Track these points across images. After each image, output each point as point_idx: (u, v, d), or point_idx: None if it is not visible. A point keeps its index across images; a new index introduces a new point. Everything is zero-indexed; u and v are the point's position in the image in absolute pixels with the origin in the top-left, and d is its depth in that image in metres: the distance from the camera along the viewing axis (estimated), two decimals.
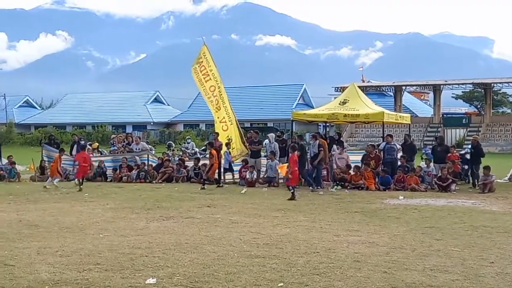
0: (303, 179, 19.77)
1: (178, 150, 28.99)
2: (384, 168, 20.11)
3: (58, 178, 20.33)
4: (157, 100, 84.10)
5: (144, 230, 11.19)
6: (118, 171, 22.92)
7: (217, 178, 20.80)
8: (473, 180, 20.15)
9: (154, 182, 21.87)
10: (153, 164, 23.29)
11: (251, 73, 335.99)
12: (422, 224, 11.97)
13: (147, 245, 9.67)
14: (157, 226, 11.71)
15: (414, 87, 64.71)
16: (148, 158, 23.58)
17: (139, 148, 24.67)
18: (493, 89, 56.81)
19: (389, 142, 20.98)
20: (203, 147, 29.66)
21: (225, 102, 22.89)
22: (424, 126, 52.99)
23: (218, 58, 25.23)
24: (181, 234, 10.76)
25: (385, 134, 22.36)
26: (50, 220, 12.54)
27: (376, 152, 20.87)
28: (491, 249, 9.42)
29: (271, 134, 23.11)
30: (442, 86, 55.57)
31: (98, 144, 29.76)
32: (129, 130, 65.00)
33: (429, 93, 71.45)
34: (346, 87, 27.76)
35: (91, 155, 24.62)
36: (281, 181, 20.28)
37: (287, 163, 17.79)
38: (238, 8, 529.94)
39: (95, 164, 23.45)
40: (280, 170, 19.20)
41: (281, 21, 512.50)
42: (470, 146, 21.69)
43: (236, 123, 22.93)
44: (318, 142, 19.83)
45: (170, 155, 24.73)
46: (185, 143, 29.57)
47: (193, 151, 26.67)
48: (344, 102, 22.68)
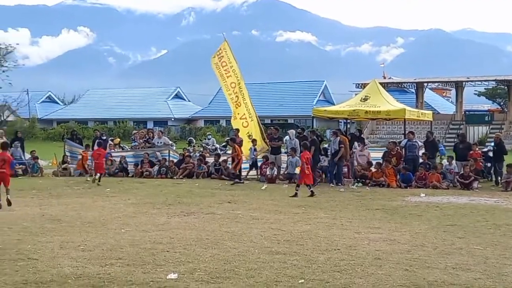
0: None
1: (198, 146, 29.11)
2: (405, 165, 19.99)
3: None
4: (178, 96, 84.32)
5: (165, 226, 11.25)
6: (139, 167, 23.05)
7: (238, 174, 20.82)
8: (495, 178, 19.97)
9: (175, 177, 21.97)
10: (174, 160, 23.39)
11: (272, 69, 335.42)
12: (444, 222, 11.90)
13: (168, 240, 9.73)
14: (178, 222, 11.77)
15: (436, 84, 64.18)
16: (169, 153, 23.69)
17: (161, 142, 24.82)
18: None
19: (410, 139, 20.85)
20: (224, 143, 29.75)
21: (245, 99, 22.91)
22: (446, 123, 52.55)
23: (239, 55, 25.20)
24: (202, 229, 10.81)
25: (406, 131, 22.24)
26: (73, 214, 12.67)
27: (397, 149, 20.77)
28: None
29: (292, 130, 23.10)
30: (464, 83, 55.03)
31: (119, 139, 29.95)
32: (150, 125, 65.35)
33: (451, 90, 70.86)
34: (367, 84, 27.65)
35: (113, 151, 24.88)
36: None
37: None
38: (259, 4, 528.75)
39: (117, 159, 23.65)
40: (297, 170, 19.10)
41: (301, 17, 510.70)
42: (493, 143, 21.48)
43: (256, 120, 22.94)
44: (339, 138, 19.80)
45: (191, 151, 24.82)
46: (205, 139, 29.70)
47: (213, 147, 26.78)
48: (365, 99, 22.60)
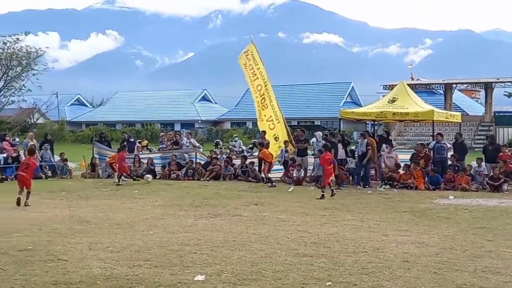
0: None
1: (225, 148, 29.16)
2: (433, 167, 19.81)
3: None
4: (204, 98, 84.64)
5: (192, 227, 11.30)
6: (166, 169, 23.19)
7: (269, 176, 20.78)
8: None
9: (202, 179, 22.06)
10: (201, 162, 23.49)
11: (298, 71, 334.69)
12: (473, 224, 11.76)
13: (196, 242, 9.77)
14: (205, 223, 11.81)
15: (465, 85, 63.43)
16: (196, 155, 23.80)
17: (189, 142, 24.98)
18: None
19: (439, 141, 20.64)
20: (250, 145, 29.75)
21: (272, 101, 22.92)
22: (475, 125, 51.88)
23: (265, 57, 25.23)
24: (228, 231, 10.83)
25: (435, 133, 22.01)
26: (101, 216, 12.80)
27: (425, 151, 20.59)
28: None
29: (319, 132, 23.02)
30: (494, 84, 54.27)
31: (147, 141, 30.16)
32: (177, 128, 65.65)
33: (480, 91, 69.90)
34: (395, 85, 27.41)
35: (141, 152, 25.10)
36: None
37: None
38: (285, 6, 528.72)
39: (144, 161, 23.84)
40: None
41: (328, 18, 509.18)
42: None
43: (283, 122, 22.92)
44: (366, 140, 19.70)
45: (218, 153, 24.89)
46: (232, 141, 29.71)
47: (240, 149, 26.78)
48: (393, 100, 22.43)
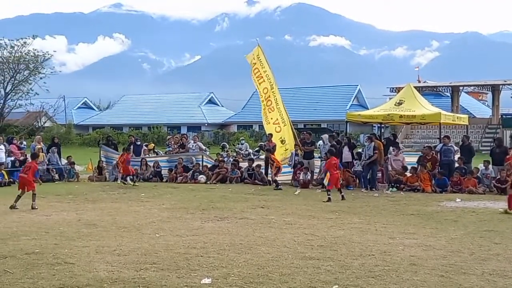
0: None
1: (232, 151, 29.18)
2: (440, 170, 19.76)
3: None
4: (211, 101, 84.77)
5: (199, 230, 11.31)
6: (173, 172, 23.22)
7: (276, 179, 20.77)
8: None
9: (208, 182, 22.07)
10: (208, 165, 23.50)
11: (305, 74, 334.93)
12: (481, 227, 11.71)
13: (202, 245, 9.77)
14: (211, 227, 11.82)
15: (472, 87, 63.19)
16: (202, 158, 23.82)
17: (196, 145, 25.02)
18: None
19: (446, 143, 20.59)
20: (257, 148, 29.78)
21: (278, 104, 22.93)
22: (482, 127, 51.71)
23: (272, 59, 25.26)
24: (235, 234, 10.83)
25: (442, 136, 21.96)
26: (108, 219, 12.83)
27: (432, 153, 20.55)
28: None
29: (325, 135, 23.01)
30: (501, 86, 54.08)
31: (154, 144, 30.21)
32: (183, 131, 65.81)
33: (487, 93, 69.68)
34: (402, 88, 27.38)
35: (147, 156, 25.16)
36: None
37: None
38: (292, 9, 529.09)
39: (151, 164, 23.89)
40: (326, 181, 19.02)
41: (335, 21, 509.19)
42: None
43: (289, 124, 22.92)
44: (373, 144, 19.72)
45: (225, 156, 24.92)
46: (239, 144, 29.74)
47: (246, 152, 26.80)
48: (399, 103, 22.40)
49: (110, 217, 13.22)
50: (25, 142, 29.15)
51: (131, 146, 24.40)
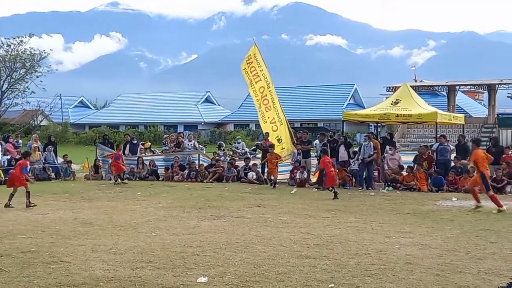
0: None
1: (228, 150, 29.19)
2: (437, 169, 19.80)
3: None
4: (208, 100, 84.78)
5: (195, 229, 11.30)
6: (169, 170, 23.22)
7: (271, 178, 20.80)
8: None
9: (205, 181, 22.08)
10: (204, 163, 23.50)
11: (302, 73, 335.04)
12: (476, 226, 11.73)
13: (199, 244, 9.77)
14: (208, 225, 11.81)
15: (468, 87, 63.21)
16: (199, 157, 23.82)
17: (192, 144, 25.01)
18: None
19: (442, 142, 20.63)
20: (253, 147, 29.78)
21: (275, 103, 22.92)
22: (478, 127, 51.73)
23: (268, 58, 25.25)
24: (231, 233, 10.83)
25: (438, 135, 21.99)
26: (104, 218, 12.81)
27: (429, 153, 20.57)
28: None
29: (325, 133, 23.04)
30: (497, 86, 54.08)
31: (150, 143, 30.20)
32: (180, 129, 65.66)
33: (483, 92, 69.82)
34: (398, 87, 27.42)
35: (143, 154, 25.15)
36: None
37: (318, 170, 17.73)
38: (289, 8, 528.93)
39: (147, 163, 23.89)
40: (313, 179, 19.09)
41: (332, 20, 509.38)
42: None
43: (286, 124, 22.93)
44: (372, 143, 19.81)
45: (221, 155, 24.91)
46: (235, 143, 29.74)
47: (243, 151, 26.80)
48: (396, 102, 22.43)
49: (107, 215, 13.21)
50: (21, 141, 29.09)
51: (127, 145, 24.45)
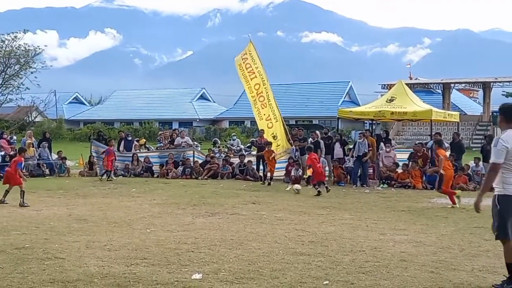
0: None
1: (223, 146, 29.16)
2: (431, 166, 19.80)
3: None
4: (203, 97, 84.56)
5: (190, 226, 11.29)
6: (164, 167, 23.19)
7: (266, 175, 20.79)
8: None
9: (199, 178, 22.05)
10: (199, 160, 23.48)
11: (297, 70, 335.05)
12: (471, 224, 11.75)
13: (193, 240, 9.76)
14: (202, 222, 11.80)
15: (463, 85, 63.43)
16: (193, 154, 23.78)
17: (185, 141, 24.96)
18: None
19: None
20: (248, 144, 29.76)
21: (270, 100, 22.90)
22: (473, 124, 51.92)
23: (264, 56, 25.25)
24: (226, 230, 10.83)
25: (433, 132, 22.03)
26: (99, 214, 12.79)
27: (424, 150, 20.60)
28: None
29: (317, 131, 23.03)
30: (492, 84, 54.31)
31: (145, 140, 30.16)
32: (175, 126, 65.60)
33: (478, 90, 69.95)
34: (393, 85, 27.46)
35: (138, 151, 25.11)
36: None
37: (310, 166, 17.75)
38: (284, 5, 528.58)
39: (142, 159, 23.85)
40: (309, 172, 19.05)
41: (327, 18, 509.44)
42: None
43: (281, 121, 22.91)
44: (367, 141, 19.83)
45: (216, 152, 24.89)
46: (230, 140, 29.70)
47: (238, 148, 26.77)
48: (391, 100, 22.48)
49: (101, 212, 13.19)
50: (15, 137, 28.99)
51: (122, 142, 24.42)
